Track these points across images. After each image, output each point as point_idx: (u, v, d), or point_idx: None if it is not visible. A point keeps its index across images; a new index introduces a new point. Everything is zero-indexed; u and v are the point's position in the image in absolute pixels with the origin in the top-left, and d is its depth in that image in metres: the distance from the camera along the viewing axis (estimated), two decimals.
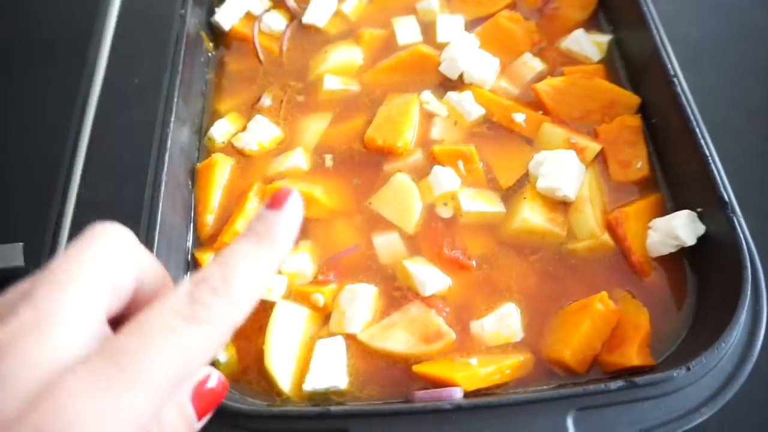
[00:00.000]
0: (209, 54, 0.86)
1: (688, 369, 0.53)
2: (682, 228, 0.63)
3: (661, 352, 0.61)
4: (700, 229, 0.64)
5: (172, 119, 0.70)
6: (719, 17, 1.00)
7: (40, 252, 0.83)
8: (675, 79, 0.70)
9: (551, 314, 0.64)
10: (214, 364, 0.63)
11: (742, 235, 0.59)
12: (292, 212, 0.38)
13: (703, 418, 0.53)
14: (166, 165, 0.67)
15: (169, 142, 0.68)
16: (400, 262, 0.67)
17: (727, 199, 0.61)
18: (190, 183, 0.73)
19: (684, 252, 0.65)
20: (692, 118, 0.66)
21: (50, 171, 0.92)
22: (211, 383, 0.36)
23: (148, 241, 0.62)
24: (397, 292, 0.66)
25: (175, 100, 0.72)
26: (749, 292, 0.56)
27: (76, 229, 0.86)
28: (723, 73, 0.95)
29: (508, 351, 0.62)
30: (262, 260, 0.35)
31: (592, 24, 0.85)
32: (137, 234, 0.64)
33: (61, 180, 0.90)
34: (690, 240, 0.63)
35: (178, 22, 0.79)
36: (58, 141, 0.95)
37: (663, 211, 0.69)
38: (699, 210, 0.65)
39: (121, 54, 1.04)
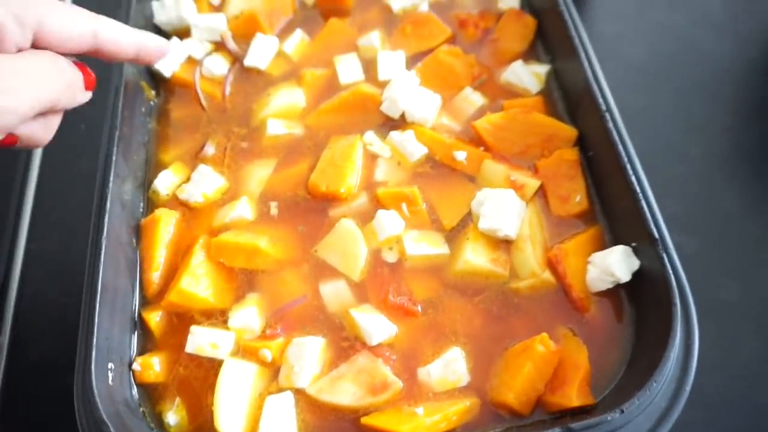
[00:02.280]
0: (151, 102, 0.85)
1: (622, 412, 0.55)
2: (616, 264, 0.65)
3: (602, 388, 0.63)
4: (635, 264, 0.66)
5: (111, 178, 0.70)
6: (660, 37, 1.03)
7: None
8: (606, 114, 0.71)
9: (496, 355, 0.65)
10: (164, 427, 0.64)
11: (672, 273, 0.61)
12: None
13: None
14: (105, 228, 0.66)
15: (108, 204, 0.68)
16: (348, 311, 0.67)
17: (657, 236, 0.63)
18: (134, 240, 0.73)
19: (622, 286, 0.67)
20: (623, 154, 0.68)
21: None
22: None
23: (90, 310, 0.62)
24: (345, 342, 0.67)
25: (114, 158, 0.71)
26: (679, 331, 0.58)
27: (25, 284, 0.85)
28: (664, 92, 0.97)
29: (455, 396, 0.63)
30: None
31: (531, 54, 0.87)
32: (81, 301, 0.64)
33: (8, 232, 0.89)
34: (625, 276, 0.65)
35: (117, 72, 0.79)
36: (4, 192, 0.93)
37: (602, 244, 0.71)
38: (633, 244, 0.67)
39: None
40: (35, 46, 0.54)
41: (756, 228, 0.84)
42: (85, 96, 0.60)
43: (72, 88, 0.57)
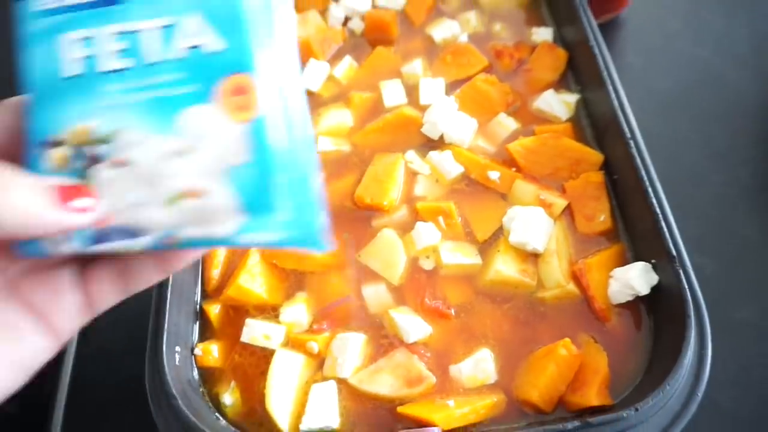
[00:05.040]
0: None
1: (637, 410, 0.60)
2: (636, 279, 0.71)
3: (621, 392, 0.68)
4: (654, 279, 0.71)
5: None
6: (684, 68, 1.08)
7: None
8: (631, 141, 0.77)
9: (522, 358, 0.71)
10: (221, 407, 0.71)
11: (687, 287, 0.66)
12: None
13: None
14: None
15: None
16: (387, 311, 0.74)
17: (674, 254, 0.69)
18: None
19: (641, 299, 0.72)
20: (645, 178, 0.74)
21: None
22: None
23: (161, 297, 0.70)
24: (384, 340, 0.74)
25: None
26: (692, 340, 0.64)
27: None
28: (688, 121, 1.03)
29: (483, 392, 0.69)
30: None
31: (561, 84, 0.94)
32: (151, 290, 0.73)
33: None
34: (644, 290, 0.71)
35: None
36: None
37: (624, 260, 0.76)
38: (653, 261, 0.72)
39: None
40: None
41: None
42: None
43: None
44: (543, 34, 0.99)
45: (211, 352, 0.74)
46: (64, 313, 0.39)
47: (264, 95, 0.38)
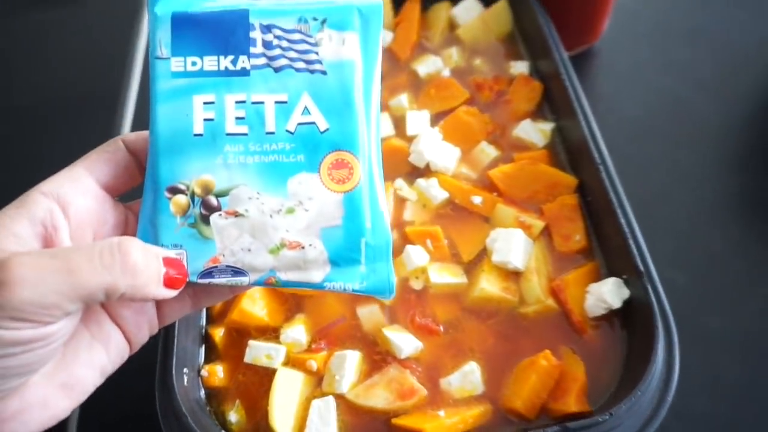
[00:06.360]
0: None
1: (611, 415, 0.66)
2: (609, 293, 0.77)
3: (598, 398, 0.74)
4: (625, 293, 0.77)
5: None
6: (652, 95, 1.16)
7: None
8: (601, 166, 0.84)
9: (507, 369, 0.77)
10: (227, 424, 0.76)
11: (655, 300, 0.72)
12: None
13: None
14: None
15: None
16: (380, 329, 0.80)
17: (642, 269, 0.75)
18: None
19: (615, 312, 0.78)
20: (614, 200, 0.80)
21: None
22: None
23: (170, 325, 0.75)
24: (378, 356, 0.79)
25: None
26: (660, 349, 0.69)
27: None
28: (656, 144, 1.10)
29: (471, 403, 0.75)
30: None
31: (538, 113, 1.01)
32: None
33: None
34: (616, 303, 0.77)
35: None
36: None
37: (598, 276, 0.82)
38: (624, 277, 0.78)
39: (145, 123, 1.18)
40: None
41: (740, 265, 0.95)
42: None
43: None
44: (520, 67, 1.06)
45: (217, 373, 0.79)
46: (141, 327, 0.46)
47: (360, 171, 0.46)
